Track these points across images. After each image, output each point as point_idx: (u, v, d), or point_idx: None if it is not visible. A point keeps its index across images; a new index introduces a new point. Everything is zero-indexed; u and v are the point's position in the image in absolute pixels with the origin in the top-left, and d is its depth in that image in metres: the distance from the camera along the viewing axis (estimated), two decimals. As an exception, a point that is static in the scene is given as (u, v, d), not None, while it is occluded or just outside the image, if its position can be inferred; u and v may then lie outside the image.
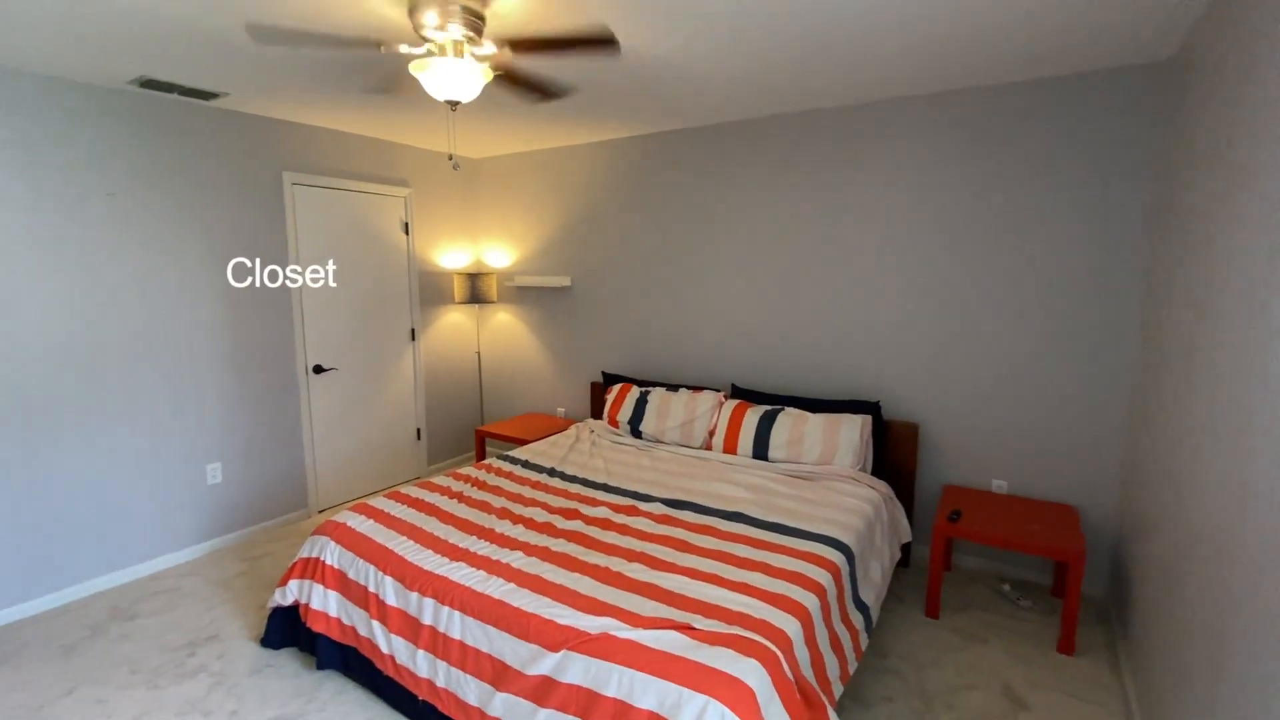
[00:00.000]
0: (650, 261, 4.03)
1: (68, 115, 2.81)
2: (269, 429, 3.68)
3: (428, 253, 4.52)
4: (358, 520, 2.58)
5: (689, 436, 3.50)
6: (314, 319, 3.85)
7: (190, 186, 3.24)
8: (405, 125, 3.77)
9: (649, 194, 3.97)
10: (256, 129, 3.48)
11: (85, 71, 2.71)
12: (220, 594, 3.02)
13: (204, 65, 2.66)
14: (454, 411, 4.84)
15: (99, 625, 2.75)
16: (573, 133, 3.93)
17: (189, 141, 3.22)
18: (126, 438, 3.10)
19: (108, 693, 2.31)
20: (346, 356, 4.06)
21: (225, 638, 2.65)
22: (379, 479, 4.35)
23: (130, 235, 3.05)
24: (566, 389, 4.56)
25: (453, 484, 3.00)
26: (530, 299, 4.65)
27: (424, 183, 4.44)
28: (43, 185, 2.76)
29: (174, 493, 3.30)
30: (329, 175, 3.85)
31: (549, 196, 4.44)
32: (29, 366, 2.77)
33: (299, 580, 2.48)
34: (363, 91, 2.85)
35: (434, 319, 4.61)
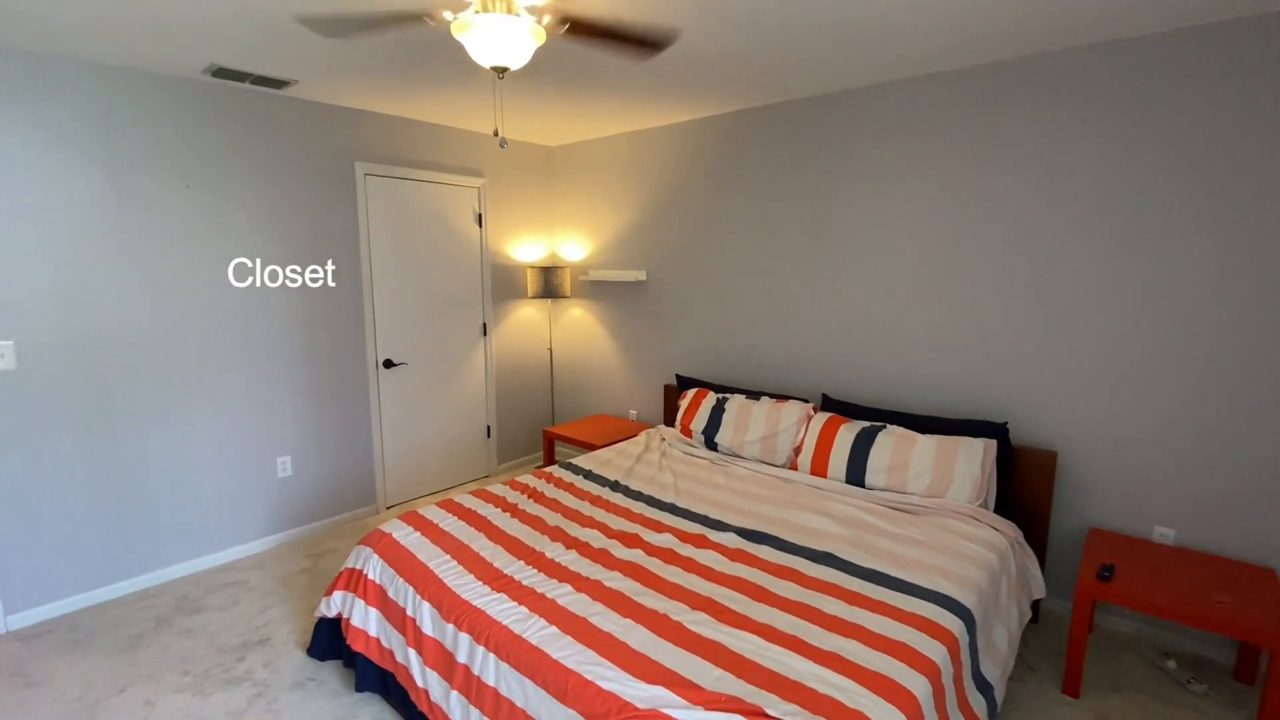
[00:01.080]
0: (732, 253, 3.64)
1: (145, 107, 2.82)
2: (339, 423, 3.64)
3: (500, 245, 4.36)
4: (403, 532, 2.40)
5: (771, 453, 3.10)
6: (384, 313, 3.78)
7: (263, 177, 3.21)
8: (480, 112, 3.59)
9: (735, 179, 3.57)
10: (328, 118, 3.41)
11: (161, 62, 2.70)
12: (280, 592, 2.97)
13: (270, 51, 2.57)
14: (524, 409, 4.67)
15: (165, 617, 2.76)
16: (654, 112, 3.60)
17: (262, 132, 3.18)
18: (202, 429, 3.12)
19: (157, 694, 2.26)
20: (417, 351, 3.97)
21: (276, 642, 2.57)
22: (448, 476, 4.25)
23: (206, 227, 3.05)
24: (640, 390, 4.27)
25: (509, 494, 2.78)
26: (604, 294, 4.39)
27: (498, 172, 4.27)
28: (121, 177, 2.79)
29: (245, 485, 3.31)
30: (401, 165, 3.75)
31: (625, 185, 4.14)
32: (110, 356, 2.82)
33: (343, 592, 2.34)
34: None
35: (506, 314, 4.45)
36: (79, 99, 2.65)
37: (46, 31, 2.34)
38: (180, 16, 2.21)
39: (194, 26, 2.30)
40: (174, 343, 3.00)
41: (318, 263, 3.45)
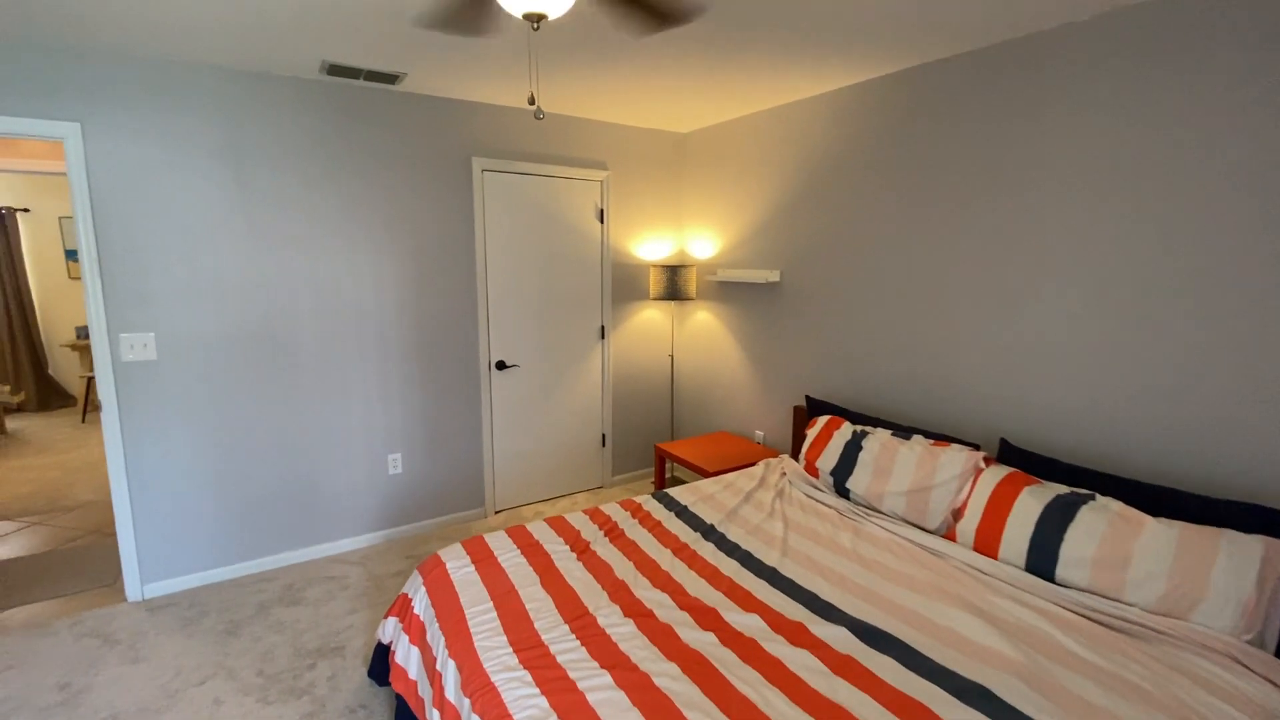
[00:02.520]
0: (886, 249, 2.92)
1: (267, 108, 2.91)
2: (449, 424, 3.58)
3: (623, 242, 4.03)
4: (458, 563, 2.15)
5: (919, 512, 2.38)
6: (498, 313, 3.64)
7: (380, 175, 3.20)
8: (604, 99, 3.28)
9: (893, 158, 2.86)
10: (443, 112, 3.32)
11: (280, 63, 2.74)
12: (371, 594, 2.93)
13: (377, 45, 2.47)
14: (642, 420, 4.32)
15: (266, 604, 2.84)
16: (801, 78, 3.00)
17: (377, 129, 3.16)
18: (318, 422, 3.20)
19: (228, 694, 2.26)
20: (530, 353, 3.80)
21: (347, 653, 2.49)
22: (559, 484, 4.05)
23: (324, 225, 3.10)
24: (769, 409, 3.69)
25: (585, 527, 2.42)
26: (733, 296, 3.87)
27: (623, 164, 3.95)
28: (246, 177, 2.90)
29: (358, 479, 3.36)
30: (519, 159, 3.58)
31: (761, 172, 3.58)
32: (236, 349, 2.96)
33: (395, 619, 2.15)
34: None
35: (626, 316, 4.13)
36: (209, 104, 2.78)
37: (179, 41, 2.44)
38: (290, 14, 2.17)
39: (304, 24, 2.26)
40: (293, 337, 3.09)
41: (432, 261, 3.39)
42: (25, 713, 2.15)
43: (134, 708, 2.19)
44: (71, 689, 2.28)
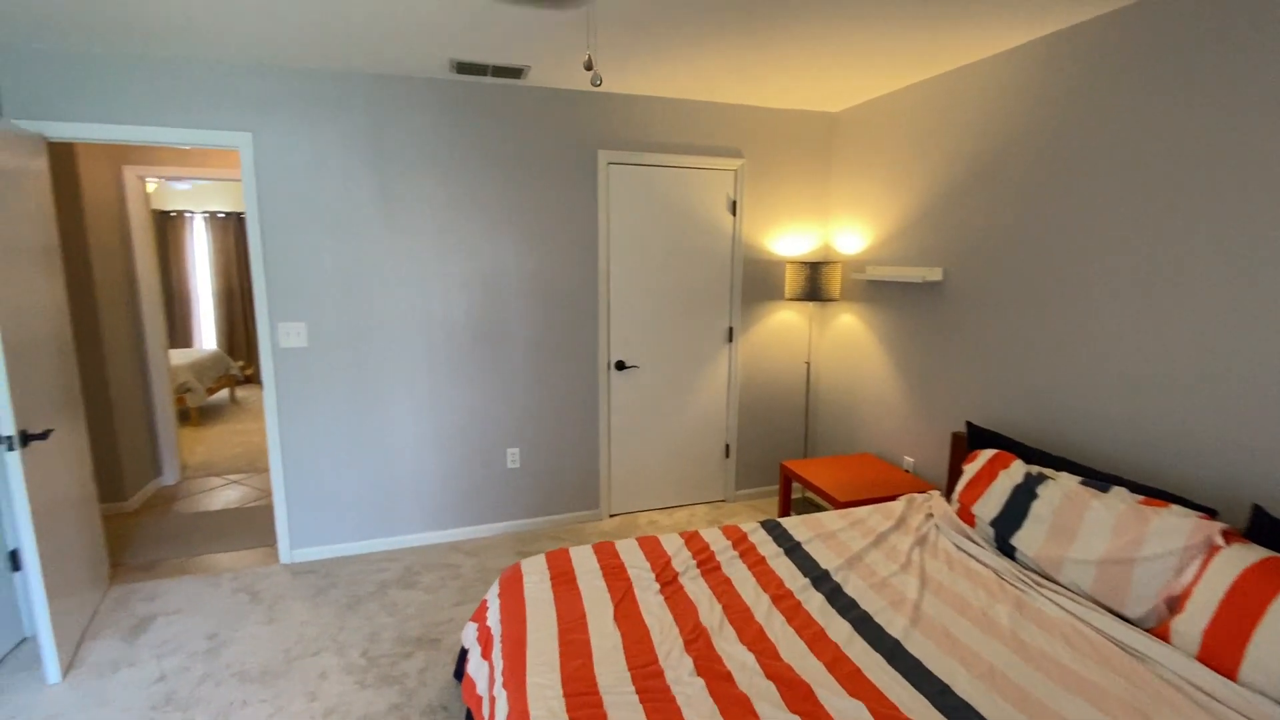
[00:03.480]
0: (1085, 245, 2.27)
1: (405, 109, 3.03)
2: (566, 422, 3.53)
3: (757, 236, 3.68)
4: (536, 577, 2.03)
5: (1115, 592, 1.79)
6: (619, 311, 3.51)
7: (507, 171, 3.21)
8: (741, 80, 2.99)
9: (1095, 127, 2.21)
10: (568, 104, 3.24)
11: (415, 65, 2.82)
12: (478, 586, 2.95)
13: (498, 38, 2.44)
14: (771, 432, 3.94)
15: (386, 584, 2.98)
16: (973, 36, 2.46)
17: (504, 124, 3.17)
18: (445, 412, 3.31)
19: (333, 669, 2.37)
20: (651, 354, 3.62)
21: (443, 647, 2.50)
22: (679, 493, 3.83)
23: (454, 221, 3.17)
24: (921, 432, 3.13)
25: (678, 554, 2.17)
26: (884, 297, 3.34)
27: (761, 150, 3.60)
28: (386, 176, 3.05)
29: (478, 470, 3.43)
30: (646, 150, 3.40)
31: (922, 151, 3.02)
32: (374, 340, 3.14)
33: (475, 625, 2.08)
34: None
35: (758, 317, 3.77)
36: (355, 108, 2.96)
37: (333, 50, 2.60)
38: (413, 15, 2.20)
39: (432, 21, 2.28)
40: (424, 331, 3.21)
41: (554, 257, 3.35)
42: (179, 655, 2.44)
43: (258, 668, 2.37)
44: (217, 640, 2.54)
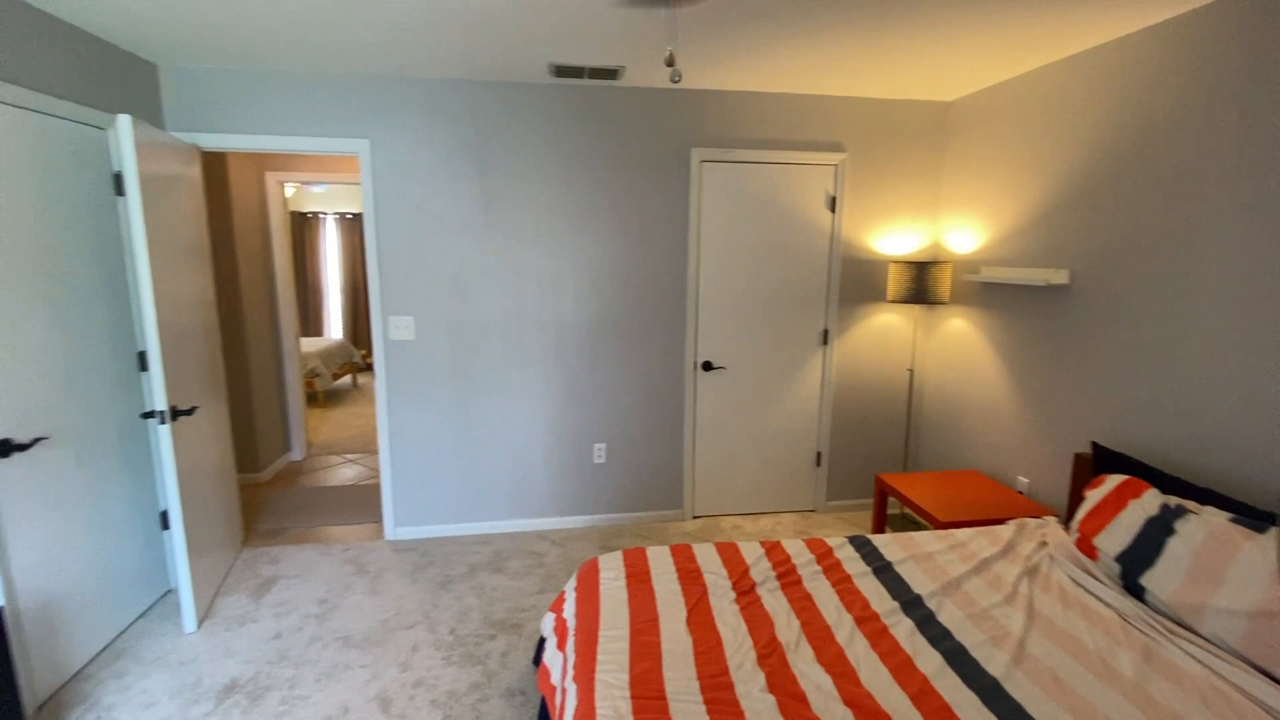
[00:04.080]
0: (1242, 244, 1.95)
1: (507, 114, 3.14)
2: (652, 421, 3.53)
3: (857, 234, 3.50)
4: (612, 572, 2.04)
5: (1271, 652, 1.52)
6: (708, 311, 3.47)
7: (602, 171, 3.25)
8: (843, 70, 2.86)
9: (1260, 116, 1.88)
10: (663, 102, 3.23)
11: (518, 71, 2.92)
12: (559, 578, 3.03)
13: (595, 40, 2.48)
14: (866, 442, 3.73)
15: (477, 567, 3.13)
16: (1106, 17, 2.20)
17: (597, 125, 3.21)
18: (537, 406, 3.42)
19: (424, 643, 2.51)
20: (740, 355, 3.54)
21: (525, 633, 2.59)
22: (765, 499, 3.73)
23: (550, 222, 3.26)
24: (1038, 450, 2.85)
25: (757, 564, 2.10)
26: (1000, 301, 3.07)
27: (864, 144, 3.41)
28: (489, 178, 3.18)
29: (566, 463, 3.51)
30: (741, 146, 3.32)
31: (1045, 142, 2.73)
32: (475, 335, 3.30)
33: (551, 614, 2.13)
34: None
35: (856, 319, 3.59)
36: (462, 114, 3.11)
37: (441, 60, 2.76)
38: (516, 19, 2.28)
39: (532, 25, 2.35)
40: (519, 327, 3.33)
41: (644, 257, 3.36)
42: (293, 616, 2.68)
43: (361, 635, 2.57)
44: (327, 605, 2.78)
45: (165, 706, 2.15)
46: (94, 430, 2.41)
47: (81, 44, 2.39)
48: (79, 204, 2.36)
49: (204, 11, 2.23)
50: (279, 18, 2.28)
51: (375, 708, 2.15)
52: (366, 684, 2.27)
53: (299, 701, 2.18)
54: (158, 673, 2.32)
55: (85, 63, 2.41)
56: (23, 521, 2.08)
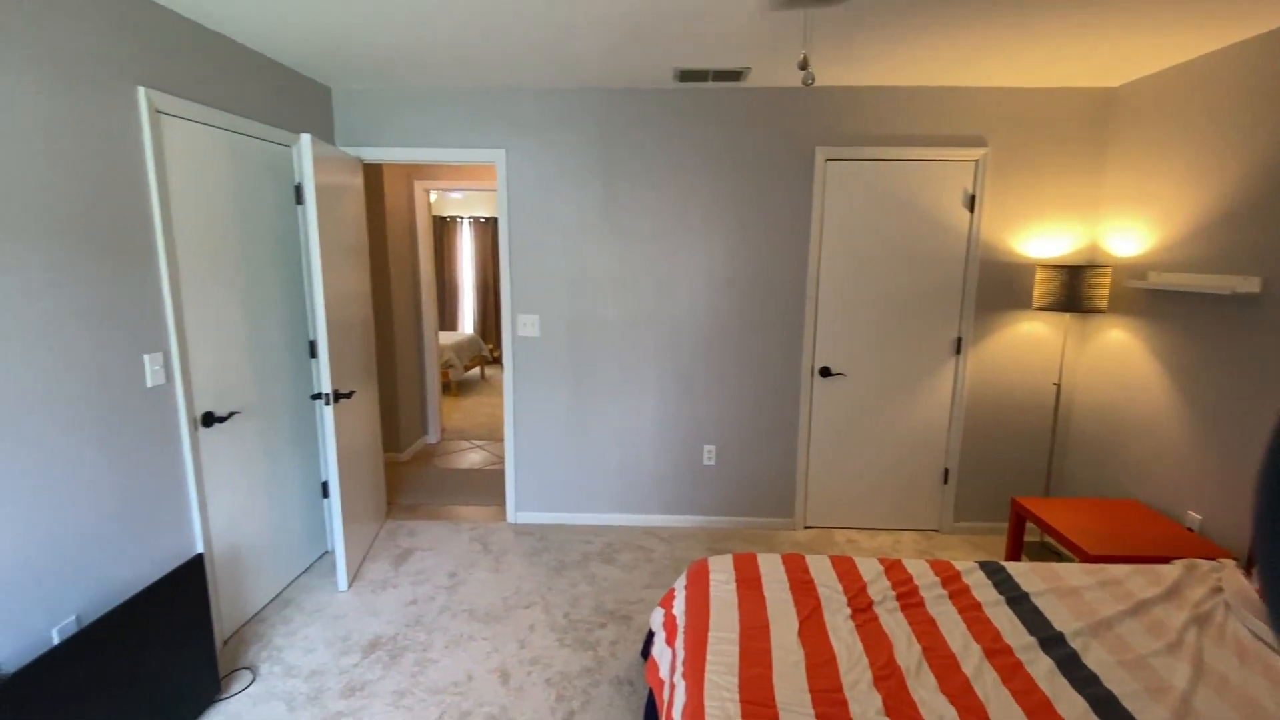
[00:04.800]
0: None
1: (630, 120, 3.23)
2: (765, 425, 3.49)
3: (999, 235, 3.23)
4: (721, 577, 2.05)
5: None
6: (829, 315, 3.36)
7: (718, 173, 3.25)
8: (986, 58, 2.67)
9: None
10: (787, 102, 3.17)
11: (644, 77, 3.00)
12: (667, 573, 3.08)
13: (723, 42, 2.49)
14: (1002, 461, 3.44)
15: (589, 556, 3.26)
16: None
17: (720, 127, 3.21)
18: (649, 405, 3.50)
19: (541, 623, 2.66)
20: (862, 361, 3.40)
21: (634, 626, 2.66)
22: (884, 516, 3.56)
23: (669, 225, 3.31)
24: (1215, 483, 2.48)
25: (875, 581, 2.02)
26: (1172, 311, 2.71)
27: (1009, 138, 3.14)
28: (611, 183, 3.29)
29: (676, 463, 3.56)
30: (868, 144, 3.18)
31: (1234, 131, 2.37)
32: (593, 335, 3.43)
33: (662, 611, 2.18)
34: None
35: (995, 327, 3.31)
36: (589, 122, 3.24)
37: (574, 71, 2.90)
38: (649, 26, 2.34)
39: (661, 32, 2.40)
40: (636, 328, 3.42)
41: (762, 258, 3.32)
42: (427, 585, 2.94)
43: (484, 609, 2.77)
44: (456, 578, 3.02)
45: (322, 654, 2.45)
46: (273, 408, 2.79)
47: (271, 72, 2.77)
48: (266, 212, 2.73)
49: (371, 40, 2.50)
50: (433, 43, 2.51)
51: (495, 679, 2.31)
52: (488, 655, 2.44)
53: (430, 664, 2.39)
54: (316, 623, 2.64)
55: (274, 89, 2.79)
56: (218, 482, 2.45)
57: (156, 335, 2.13)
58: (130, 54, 2.03)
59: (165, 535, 2.19)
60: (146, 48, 2.09)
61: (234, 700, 2.19)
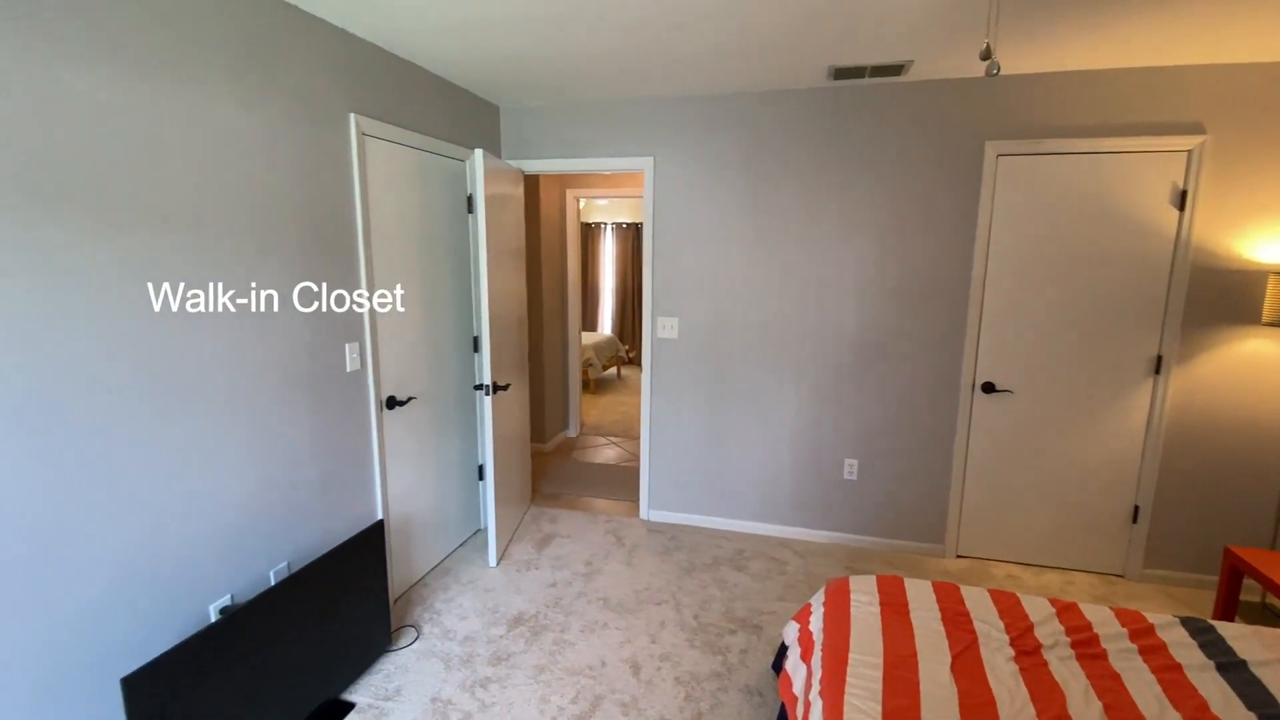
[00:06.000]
0: None
1: (778, 122, 3.17)
2: (914, 442, 3.26)
3: (1218, 237, 2.75)
4: (865, 596, 1.95)
5: None
6: (995, 325, 3.06)
7: (873, 173, 3.09)
8: (1203, 31, 2.29)
9: None
10: (953, 94, 2.93)
11: (794, 78, 2.94)
12: (801, 588, 2.99)
13: (885, 36, 2.38)
14: (1212, 501, 2.92)
15: (719, 560, 3.25)
16: None
17: (874, 125, 3.05)
18: (788, 412, 3.41)
19: (670, 622, 2.70)
20: (1033, 378, 3.06)
21: (765, 636, 2.62)
22: (1055, 551, 3.18)
23: (815, 227, 3.21)
24: None
25: (1045, 623, 1.81)
26: None
27: (1235, 123, 2.66)
28: (757, 186, 3.26)
29: (813, 475, 3.44)
30: (1051, 136, 2.85)
31: None
32: (730, 338, 3.42)
33: (796, 625, 2.13)
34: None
35: (1206, 344, 2.82)
36: (736, 126, 3.23)
37: (717, 75, 2.92)
38: (796, 27, 2.31)
39: (819, 27, 2.33)
40: (777, 333, 3.35)
41: (919, 264, 3.10)
42: (565, 571, 3.11)
43: (617, 599, 2.87)
44: (591, 567, 3.15)
45: (473, 622, 2.68)
46: (442, 395, 3.10)
47: (450, 94, 3.08)
48: (441, 220, 3.04)
49: (539, 60, 2.69)
50: (593, 60, 2.65)
51: (627, 669, 2.39)
52: (620, 645, 2.53)
53: (567, 646, 2.52)
54: (469, 594, 2.90)
55: (452, 109, 3.10)
56: (396, 459, 2.77)
57: (355, 326, 2.46)
58: (345, 86, 2.36)
59: (354, 501, 2.52)
60: (356, 79, 2.42)
61: (401, 653, 2.47)
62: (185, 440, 1.81)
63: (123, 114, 1.59)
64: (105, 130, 1.55)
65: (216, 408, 1.90)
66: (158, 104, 1.68)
